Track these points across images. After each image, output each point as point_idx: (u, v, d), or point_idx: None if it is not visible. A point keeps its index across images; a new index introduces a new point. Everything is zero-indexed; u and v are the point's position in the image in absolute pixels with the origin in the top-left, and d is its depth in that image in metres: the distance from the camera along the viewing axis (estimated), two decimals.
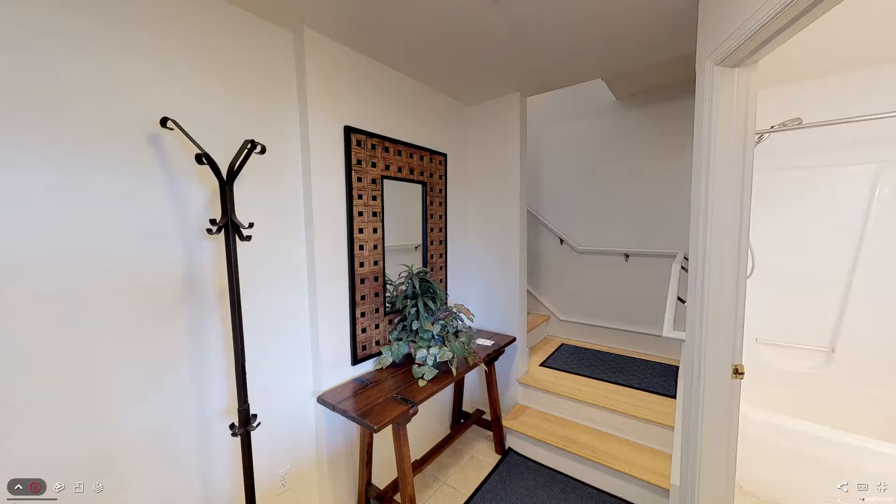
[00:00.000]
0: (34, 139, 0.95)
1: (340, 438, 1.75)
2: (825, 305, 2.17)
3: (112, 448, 1.11)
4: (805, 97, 2.09)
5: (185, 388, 1.26)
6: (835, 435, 1.68)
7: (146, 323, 1.16)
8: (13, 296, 0.94)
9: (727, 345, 1.26)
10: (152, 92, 1.15)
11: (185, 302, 1.25)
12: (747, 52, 1.09)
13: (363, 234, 1.77)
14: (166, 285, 1.20)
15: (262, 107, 1.44)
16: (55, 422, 1.01)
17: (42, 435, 0.99)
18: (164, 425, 1.22)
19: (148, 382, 1.18)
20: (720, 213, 1.24)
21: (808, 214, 2.20)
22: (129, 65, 1.10)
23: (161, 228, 1.18)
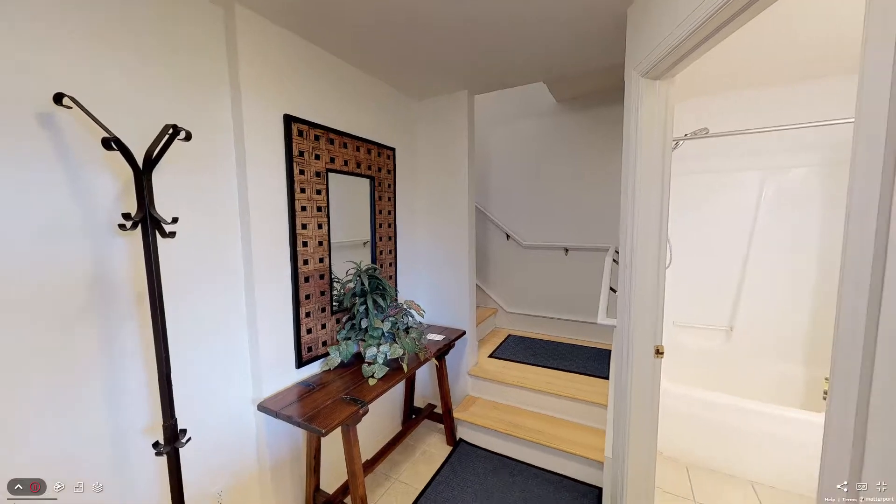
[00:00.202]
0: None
1: (285, 445, 1.65)
2: (725, 291, 2.53)
3: (6, 477, 0.94)
4: (712, 110, 2.40)
5: (96, 404, 1.10)
6: (735, 401, 1.98)
7: (46, 332, 0.99)
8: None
9: (650, 328, 1.41)
10: (41, 61, 0.97)
11: (95, 307, 1.09)
12: (666, 67, 1.22)
13: (307, 230, 1.69)
14: (70, 289, 1.04)
15: (188, 89, 1.29)
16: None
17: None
18: (69, 449, 1.05)
19: (49, 399, 1.01)
20: (644, 211, 1.38)
21: (713, 213, 2.53)
22: (5, 29, 0.92)
23: (60, 224, 1.01)
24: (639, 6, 1.36)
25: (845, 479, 0.36)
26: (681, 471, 2.03)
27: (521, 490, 1.91)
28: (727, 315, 2.53)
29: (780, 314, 2.37)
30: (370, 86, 2.09)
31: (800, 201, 2.31)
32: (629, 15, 1.45)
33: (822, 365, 2.27)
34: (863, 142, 0.53)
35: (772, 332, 2.40)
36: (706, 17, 0.93)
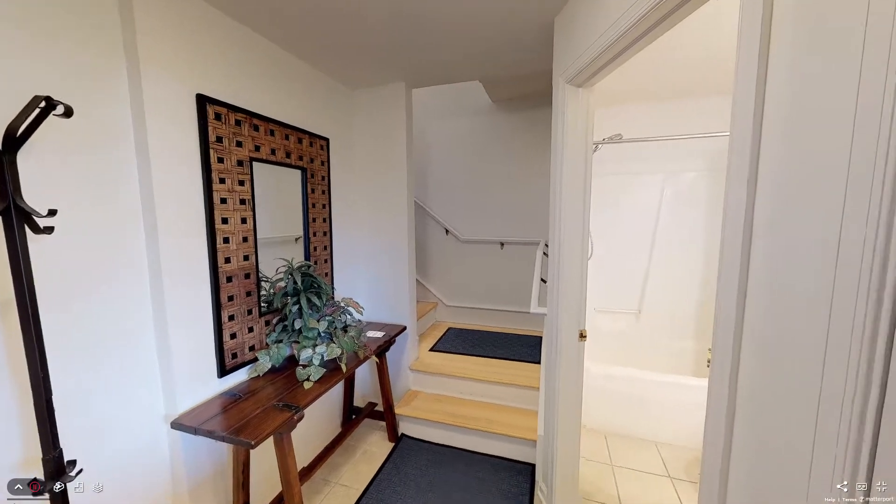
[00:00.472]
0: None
1: (206, 463, 1.50)
2: (635, 280, 2.88)
3: None
4: (625, 118, 2.68)
5: None
6: (642, 374, 2.27)
7: None
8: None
9: (575, 314, 1.55)
10: None
11: None
12: (588, 76, 1.34)
13: (228, 225, 1.52)
14: None
15: (69, 56, 1.08)
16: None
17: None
18: None
19: None
20: (570, 208, 1.50)
21: (625, 210, 2.85)
22: None
23: None
24: (565, 16, 1.46)
25: (845, 481, 0.42)
26: (600, 440, 2.28)
27: (462, 476, 1.98)
28: (637, 300, 2.89)
29: (676, 298, 2.77)
30: (301, 71, 1.94)
31: (691, 202, 2.71)
32: (556, 24, 1.55)
33: (707, 339, 2.71)
34: (735, 153, 0.64)
35: (670, 314, 2.79)
36: (621, 34, 1.04)
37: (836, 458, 0.47)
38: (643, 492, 1.88)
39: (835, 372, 0.47)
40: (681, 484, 1.92)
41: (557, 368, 1.59)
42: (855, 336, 0.44)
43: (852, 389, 0.45)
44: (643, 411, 2.27)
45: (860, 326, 0.44)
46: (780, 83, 0.57)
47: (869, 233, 0.43)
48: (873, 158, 0.42)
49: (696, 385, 2.15)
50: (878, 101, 0.42)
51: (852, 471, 0.45)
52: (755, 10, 0.59)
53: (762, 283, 0.60)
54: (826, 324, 0.49)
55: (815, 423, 0.50)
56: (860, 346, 0.44)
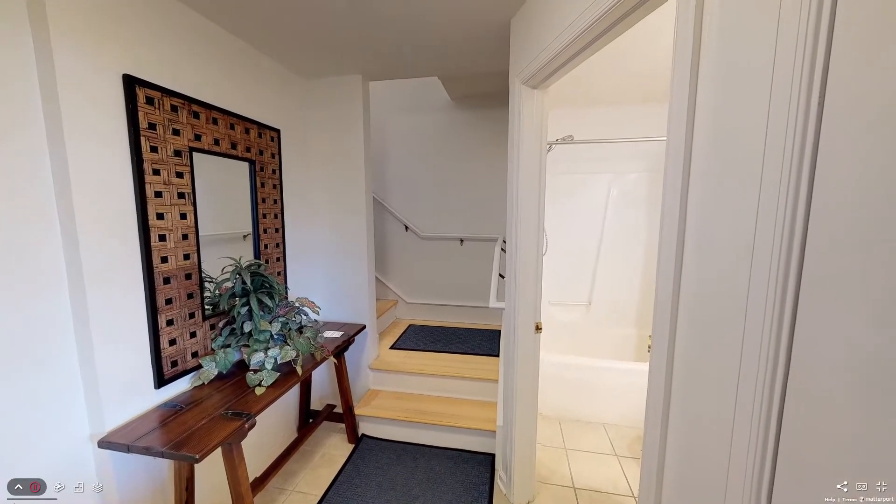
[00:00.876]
0: None
1: (143, 483, 1.36)
2: (585, 274, 3.06)
3: None
4: (576, 120, 2.83)
5: None
6: (591, 361, 2.43)
7: None
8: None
9: (531, 308, 1.61)
10: None
11: None
12: (543, 78, 1.39)
13: (165, 221, 1.39)
14: None
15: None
16: None
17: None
18: None
19: None
20: (526, 205, 1.55)
21: (576, 208, 3.01)
22: None
23: None
24: (521, 18, 1.50)
25: (848, 480, 0.42)
26: (554, 426, 2.41)
27: (423, 471, 1.99)
28: (587, 292, 3.07)
29: (621, 290, 2.99)
30: (249, 57, 1.81)
31: (634, 200, 2.92)
32: (512, 25, 1.59)
33: (647, 327, 2.96)
34: (671, 156, 0.70)
35: (615, 304, 3.01)
36: (573, 38, 1.09)
37: (751, 432, 0.53)
38: (594, 471, 2.01)
39: (750, 355, 0.54)
40: (626, 461, 2.09)
41: (515, 360, 1.65)
42: (766, 320, 0.51)
43: (763, 369, 0.51)
44: (592, 396, 2.43)
45: (770, 311, 0.50)
46: (709, 89, 0.63)
47: (777, 230, 0.49)
48: (780, 165, 0.49)
49: (638, 369, 2.34)
50: (786, 110, 0.48)
51: (763, 443, 0.51)
52: (687, 27, 0.65)
53: (693, 276, 0.67)
54: (743, 314, 0.55)
55: (735, 400, 0.57)
56: (770, 331, 0.50)
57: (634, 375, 2.34)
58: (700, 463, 0.67)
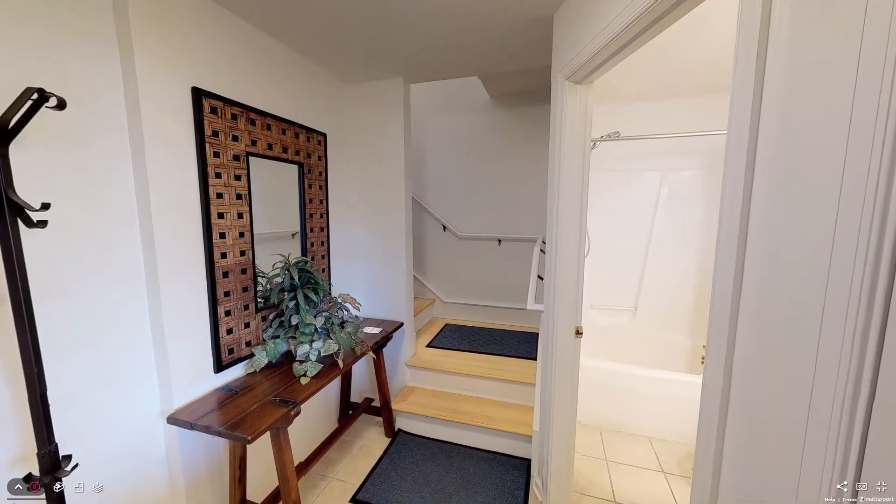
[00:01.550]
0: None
1: (203, 459, 1.50)
2: (630, 277, 2.90)
3: None
4: (623, 115, 2.68)
5: None
6: (637, 370, 2.29)
7: None
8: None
9: (571, 311, 1.56)
10: None
11: None
12: (587, 73, 1.33)
13: (225, 220, 1.52)
14: None
15: (64, 47, 1.06)
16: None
17: None
18: None
19: None
20: (567, 205, 1.50)
21: (621, 207, 2.86)
22: None
23: None
24: (564, 12, 1.46)
25: (844, 480, 0.42)
26: (595, 435, 2.30)
27: (458, 471, 1.99)
28: (633, 297, 2.90)
29: (671, 295, 2.79)
30: (299, 65, 1.93)
31: (687, 199, 2.72)
32: (555, 20, 1.55)
33: (701, 335, 2.73)
34: (732, 150, 0.65)
35: (666, 310, 2.82)
36: (620, 30, 1.04)
37: (826, 456, 0.48)
38: (637, 486, 1.90)
39: (828, 366, 0.48)
40: (674, 478, 1.95)
41: (553, 364, 1.60)
42: (848, 329, 0.45)
43: (844, 383, 0.45)
44: (637, 407, 2.29)
45: (853, 317, 0.44)
46: (778, 79, 0.57)
47: (864, 223, 0.43)
48: (869, 149, 0.43)
49: (690, 381, 2.17)
50: (876, 91, 0.42)
51: (841, 468, 0.46)
52: (754, 7, 0.59)
53: (757, 278, 0.61)
54: (819, 319, 0.49)
55: (807, 420, 0.51)
56: (853, 338, 0.44)
57: (686, 387, 2.17)
58: (762, 486, 0.60)
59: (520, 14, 1.55)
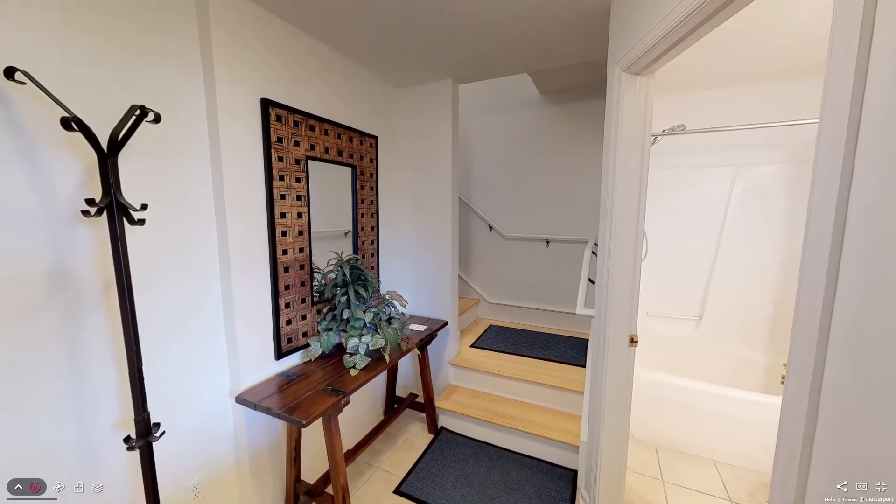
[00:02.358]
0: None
1: (264, 437, 1.64)
2: (695, 283, 2.65)
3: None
4: (688, 107, 2.46)
5: (60, 402, 1.05)
6: (702, 386, 2.09)
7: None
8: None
9: (625, 318, 1.46)
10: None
11: (56, 300, 1.03)
12: (647, 63, 1.24)
13: (286, 219, 1.64)
14: (24, 281, 0.97)
15: (157, 68, 1.22)
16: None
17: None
18: (23, 455, 1.00)
19: (6, 398, 0.95)
20: (623, 205, 1.41)
21: (685, 207, 2.63)
22: None
23: (13, 210, 0.95)
24: (622, 1, 1.37)
25: (845, 480, 0.38)
26: (650, 452, 2.14)
27: (500, 474, 1.97)
28: (697, 304, 2.65)
29: (745, 304, 2.51)
30: (352, 72, 2.03)
31: (766, 197, 2.42)
32: (612, 9, 1.46)
33: (781, 352, 2.42)
34: (825, 143, 0.56)
35: (737, 321, 2.53)
36: (687, 15, 0.95)
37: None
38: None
39: None
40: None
41: (604, 374, 1.52)
42: None
43: None
44: (701, 426, 2.09)
45: None
46: (889, 58, 0.48)
47: None
48: None
49: (766, 402, 1.93)
50: None
51: None
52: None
53: (855, 290, 0.53)
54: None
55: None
56: None
57: (760, 409, 1.94)
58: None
59: (575, 5, 1.48)
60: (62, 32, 1.01)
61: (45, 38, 0.98)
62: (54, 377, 1.04)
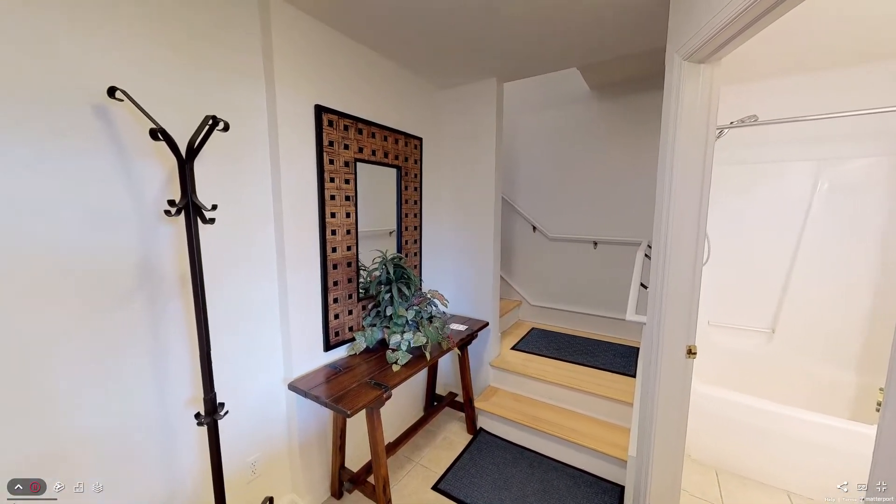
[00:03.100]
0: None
1: (313, 424, 1.74)
2: (767, 291, 2.37)
3: (63, 445, 1.05)
4: (761, 95, 2.22)
5: (144, 378, 1.20)
6: (775, 406, 1.87)
7: (95, 313, 1.09)
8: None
9: (682, 327, 1.35)
10: (97, 58, 1.04)
11: (142, 290, 1.18)
12: (712, 49, 1.14)
13: (335, 219, 1.73)
14: (119, 272, 1.13)
15: (226, 81, 1.35)
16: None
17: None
18: (119, 421, 1.16)
19: (100, 375, 1.11)
20: (682, 204, 1.31)
21: (757, 205, 2.36)
22: (66, 26, 0.99)
23: (112, 211, 1.10)
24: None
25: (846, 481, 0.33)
26: (709, 475, 1.96)
27: (539, 482, 1.91)
28: (769, 315, 2.38)
29: (830, 316, 2.20)
30: (399, 76, 2.08)
31: (858, 195, 2.11)
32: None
33: (875, 373, 2.09)
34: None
35: (820, 335, 2.23)
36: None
37: None
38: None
39: None
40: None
41: (657, 385, 1.41)
42: None
43: None
44: (773, 451, 1.87)
45: None
46: None
47: None
48: None
49: (856, 431, 1.68)
50: None
51: None
52: None
53: None
54: None
55: None
56: None
57: (849, 438, 1.69)
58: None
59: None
60: (149, 53, 1.15)
61: (136, 58, 1.12)
62: (142, 354, 1.19)
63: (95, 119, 1.05)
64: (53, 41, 0.97)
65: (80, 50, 1.01)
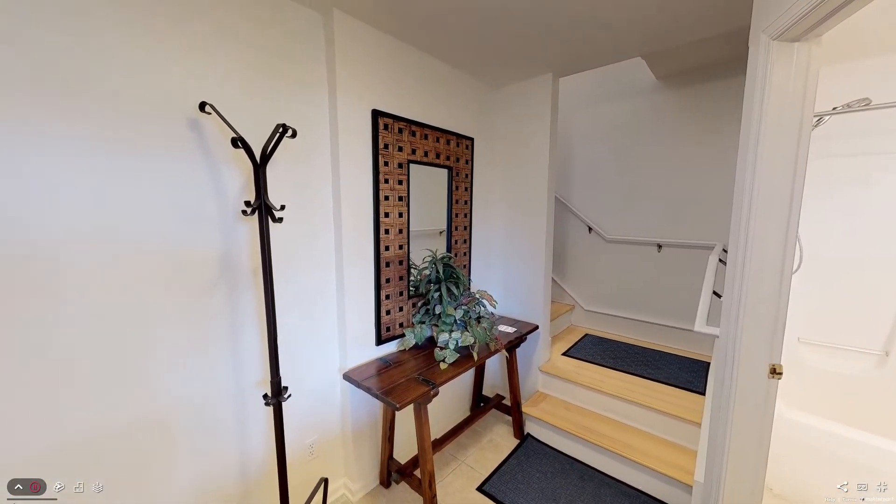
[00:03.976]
0: (71, 121, 1.02)
1: (364, 413, 1.83)
2: (880, 306, 2.00)
3: (154, 414, 1.21)
4: (874, 75, 1.88)
5: (223, 359, 1.35)
6: (874, 440, 1.58)
7: (186, 299, 1.25)
8: (62, 270, 1.03)
9: (765, 343, 1.20)
10: (189, 76, 1.19)
11: (223, 280, 1.33)
12: (811, 24, 0.99)
13: (389, 219, 1.80)
14: (205, 264, 1.28)
15: (293, 91, 1.47)
16: (98, 386, 1.10)
17: (87, 396, 1.08)
18: (204, 394, 1.32)
19: (188, 354, 1.27)
20: (766, 202, 1.16)
21: (867, 205, 2.00)
22: (164, 49, 1.14)
23: (201, 210, 1.25)
24: None
25: None
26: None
27: (592, 497, 1.81)
28: (882, 335, 2.01)
29: None
30: (451, 77, 2.11)
31: None
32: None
33: None
34: None
35: None
36: None
37: None
38: None
39: None
40: None
41: (731, 406, 1.26)
42: None
43: None
44: (884, 496, 1.57)
45: None
46: None
47: None
48: None
49: None
50: None
51: None
52: None
53: None
54: None
55: None
56: None
57: None
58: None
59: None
60: (229, 69, 1.29)
61: (218, 76, 1.27)
62: (223, 338, 1.34)
63: (189, 131, 1.20)
64: (167, 68, 1.13)
65: (185, 71, 1.17)
